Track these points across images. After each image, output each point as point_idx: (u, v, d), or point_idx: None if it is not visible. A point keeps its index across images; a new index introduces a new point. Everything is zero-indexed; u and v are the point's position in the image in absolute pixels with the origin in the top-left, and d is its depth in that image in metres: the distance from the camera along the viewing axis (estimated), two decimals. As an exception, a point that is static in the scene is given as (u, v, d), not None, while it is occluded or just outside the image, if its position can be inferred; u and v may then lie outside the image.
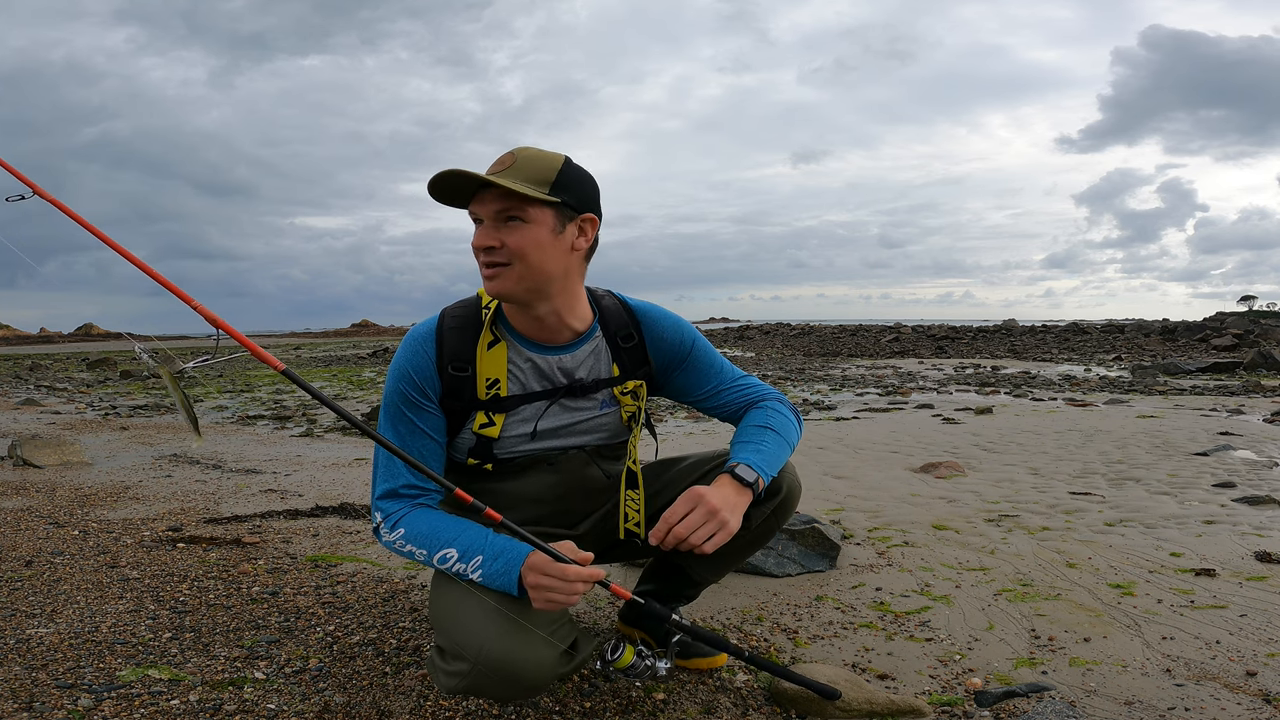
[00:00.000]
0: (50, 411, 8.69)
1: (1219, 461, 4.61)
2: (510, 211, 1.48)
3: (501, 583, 1.41)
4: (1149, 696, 1.73)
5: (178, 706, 1.67)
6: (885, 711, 1.67)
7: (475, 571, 1.43)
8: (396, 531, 1.52)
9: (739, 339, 32.94)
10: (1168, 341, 22.56)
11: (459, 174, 1.46)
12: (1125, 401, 8.33)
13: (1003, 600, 2.35)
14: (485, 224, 1.49)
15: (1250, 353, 15.09)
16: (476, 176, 1.47)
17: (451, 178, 1.47)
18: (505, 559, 1.42)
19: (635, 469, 1.70)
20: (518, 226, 1.48)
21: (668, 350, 1.73)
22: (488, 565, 1.42)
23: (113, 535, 3.14)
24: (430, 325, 1.61)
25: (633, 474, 1.70)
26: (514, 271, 1.49)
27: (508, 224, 1.48)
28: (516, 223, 1.48)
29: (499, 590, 1.41)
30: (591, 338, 1.66)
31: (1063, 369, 14.76)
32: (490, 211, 1.48)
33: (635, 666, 1.64)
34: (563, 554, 1.38)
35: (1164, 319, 33.15)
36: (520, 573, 1.40)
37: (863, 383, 11.81)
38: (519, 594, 1.40)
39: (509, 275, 1.50)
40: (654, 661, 1.68)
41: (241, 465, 4.98)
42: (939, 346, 22.54)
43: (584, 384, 1.65)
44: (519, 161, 1.48)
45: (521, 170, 1.47)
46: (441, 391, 1.57)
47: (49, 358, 26.06)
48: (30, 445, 4.99)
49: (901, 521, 3.33)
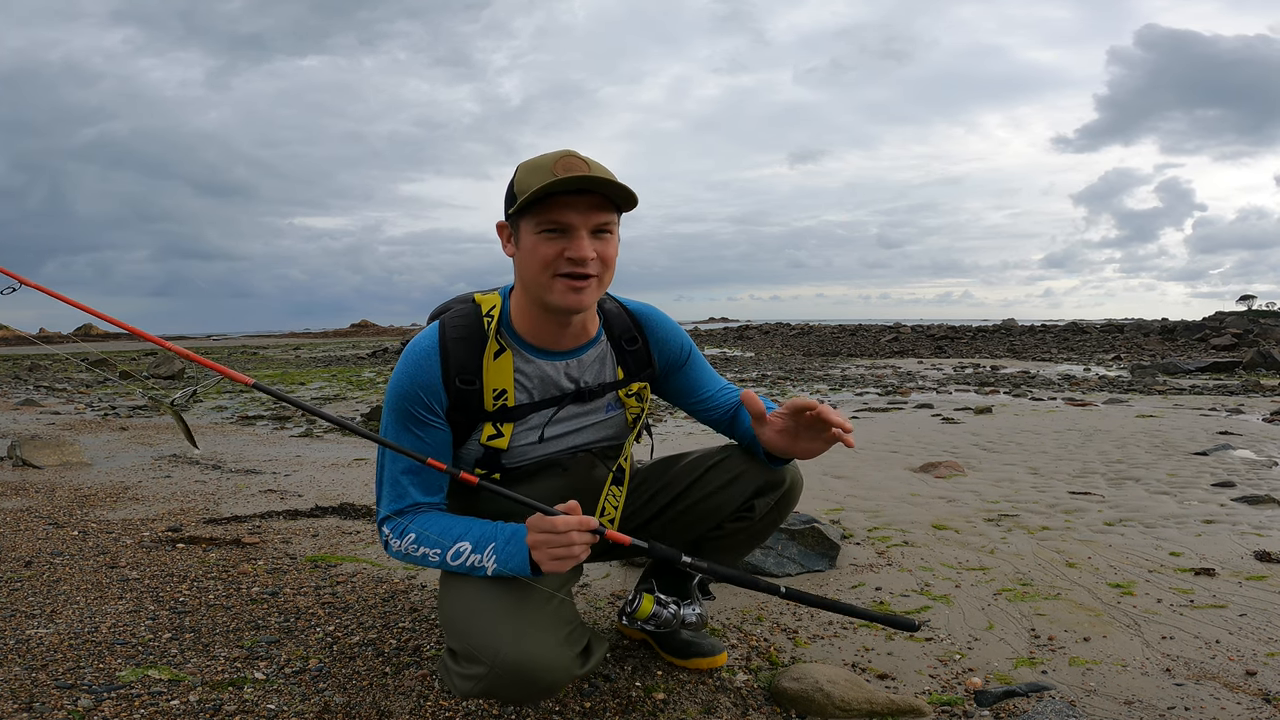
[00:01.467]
0: (49, 412, 8.68)
1: (1218, 461, 4.62)
2: (609, 223, 1.47)
3: (516, 563, 1.41)
4: (1149, 696, 1.73)
5: (178, 707, 1.67)
6: (885, 711, 1.67)
7: (490, 559, 1.43)
8: (407, 538, 1.51)
9: (738, 339, 32.94)
10: (1167, 341, 22.56)
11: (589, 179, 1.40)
12: (1125, 401, 8.33)
13: (1002, 600, 2.35)
14: (582, 234, 1.44)
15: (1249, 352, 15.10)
16: (612, 182, 1.41)
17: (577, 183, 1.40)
18: (517, 540, 1.42)
19: (625, 466, 1.71)
20: (606, 238, 1.47)
21: (670, 353, 1.75)
22: (501, 549, 1.43)
23: (112, 536, 3.14)
24: (432, 338, 1.56)
25: (621, 471, 1.70)
26: (599, 284, 1.49)
27: (597, 235, 1.46)
28: (605, 235, 1.47)
29: (515, 571, 1.41)
30: (598, 342, 1.66)
31: (1062, 369, 14.77)
32: (593, 223, 1.45)
33: (658, 615, 1.60)
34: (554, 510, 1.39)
35: (1163, 319, 33.19)
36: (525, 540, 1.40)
37: (862, 382, 11.81)
38: (533, 570, 1.40)
39: (593, 288, 1.48)
40: (679, 608, 1.64)
41: (241, 465, 4.97)
42: (938, 346, 22.54)
43: (591, 388, 1.65)
44: (598, 169, 1.43)
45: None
46: (448, 405, 1.55)
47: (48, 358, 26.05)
48: (30, 446, 4.99)
49: (901, 521, 3.33)
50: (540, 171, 1.43)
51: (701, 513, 1.76)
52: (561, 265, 1.45)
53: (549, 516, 1.38)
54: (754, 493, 1.73)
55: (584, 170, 1.42)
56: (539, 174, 1.42)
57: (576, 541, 1.36)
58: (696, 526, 1.78)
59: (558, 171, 1.41)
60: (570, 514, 1.38)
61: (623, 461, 1.71)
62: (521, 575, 1.41)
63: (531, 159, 1.48)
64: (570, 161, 1.43)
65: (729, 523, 1.76)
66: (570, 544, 1.36)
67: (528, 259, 1.48)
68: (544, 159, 1.45)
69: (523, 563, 1.41)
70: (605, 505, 1.67)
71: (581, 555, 1.38)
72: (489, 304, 1.60)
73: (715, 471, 1.76)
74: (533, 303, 1.54)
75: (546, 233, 1.45)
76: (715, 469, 1.76)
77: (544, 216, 1.44)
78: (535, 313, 1.56)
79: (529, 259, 1.47)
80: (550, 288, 1.47)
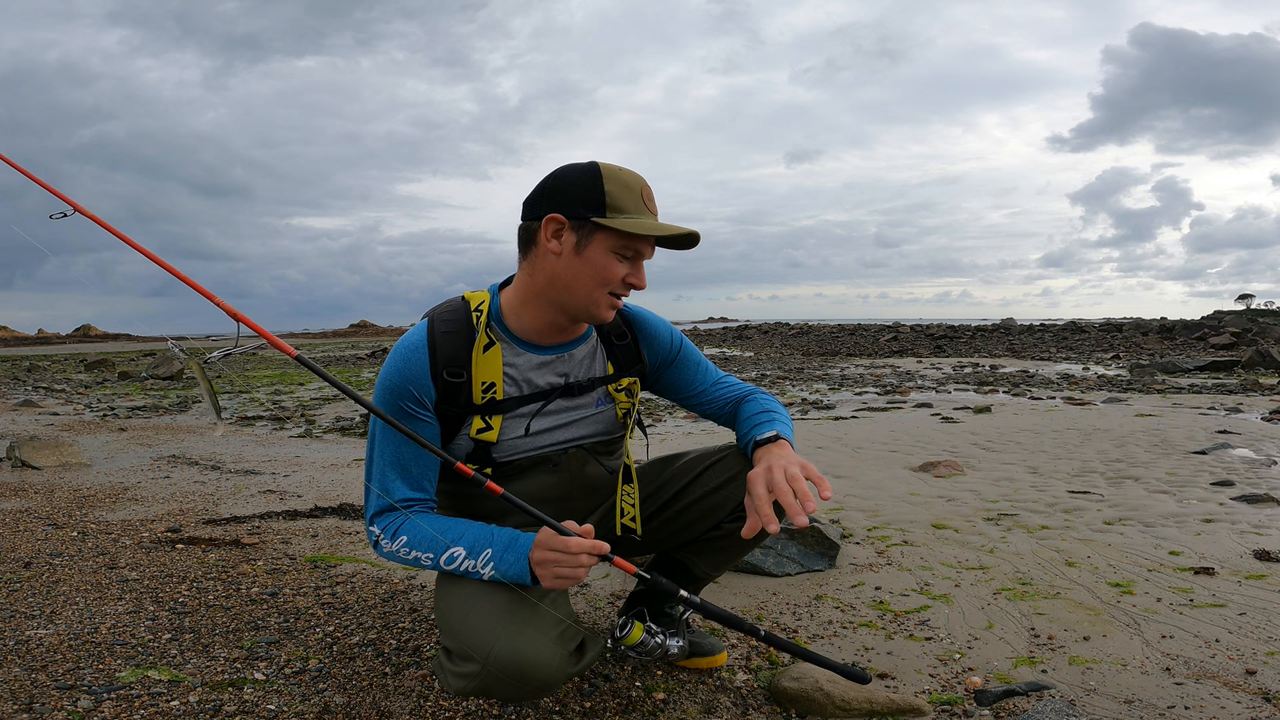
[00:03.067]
0: (48, 413, 8.67)
1: (1217, 460, 4.62)
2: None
3: (514, 571, 1.41)
4: (1149, 695, 1.73)
5: (178, 707, 1.67)
6: (885, 710, 1.67)
7: (486, 565, 1.43)
8: (398, 540, 1.51)
9: (737, 338, 32.95)
10: (1166, 340, 22.58)
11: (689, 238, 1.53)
12: (1124, 400, 8.34)
13: (1002, 599, 2.35)
14: (643, 265, 1.55)
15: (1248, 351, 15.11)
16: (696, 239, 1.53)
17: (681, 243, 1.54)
18: (515, 548, 1.42)
19: (630, 464, 1.71)
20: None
21: (660, 348, 1.76)
22: (498, 556, 1.43)
23: (111, 536, 3.14)
24: (420, 333, 1.57)
25: (628, 469, 1.71)
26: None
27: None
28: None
29: (512, 580, 1.41)
30: (588, 338, 1.68)
31: (1061, 368, 14.78)
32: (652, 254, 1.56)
33: (645, 644, 1.62)
34: (567, 529, 1.39)
35: (1161, 318, 33.23)
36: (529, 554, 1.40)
37: (861, 382, 11.81)
38: (532, 581, 1.40)
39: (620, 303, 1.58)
40: (665, 639, 1.66)
41: (240, 466, 4.97)
42: (937, 345, 22.56)
43: (580, 383, 1.65)
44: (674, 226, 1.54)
45: None
46: (437, 398, 1.55)
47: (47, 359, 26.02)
48: (29, 446, 4.98)
49: (901, 520, 3.33)
50: (631, 193, 1.49)
51: (699, 513, 1.76)
52: (620, 287, 1.53)
53: (562, 536, 1.38)
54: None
55: (676, 229, 1.51)
56: (631, 196, 1.49)
57: (584, 564, 1.37)
58: (694, 527, 1.78)
59: (648, 203, 1.51)
60: (584, 536, 1.38)
61: (627, 460, 1.71)
62: (518, 584, 1.42)
63: (609, 167, 1.51)
64: (650, 195, 1.53)
65: (727, 523, 1.76)
66: (578, 565, 1.37)
67: (587, 270, 1.51)
68: (629, 177, 1.51)
69: (522, 572, 1.41)
70: (623, 505, 1.68)
71: (584, 577, 1.39)
72: (478, 299, 1.61)
73: (713, 471, 1.76)
74: (552, 305, 1.56)
75: (621, 255, 1.51)
76: (713, 469, 1.76)
77: (629, 243, 1.50)
78: (544, 312, 1.57)
79: (589, 270, 1.51)
80: (599, 302, 1.53)
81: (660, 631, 1.67)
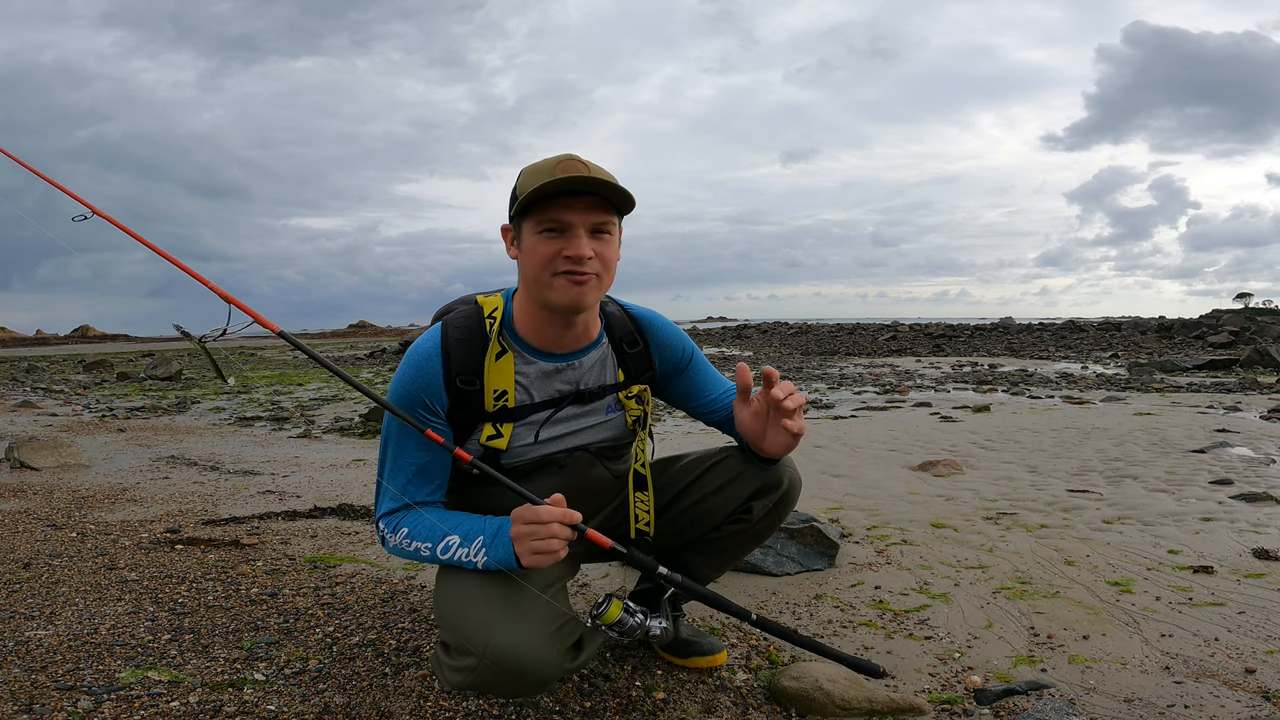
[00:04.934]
0: (47, 413, 8.67)
1: (1216, 459, 4.62)
2: (607, 224, 1.50)
3: (502, 555, 1.42)
4: (1148, 694, 1.73)
5: (177, 708, 1.67)
6: (885, 710, 1.67)
7: (479, 553, 1.44)
8: (400, 532, 1.53)
9: (737, 338, 32.95)
10: (1164, 339, 22.59)
11: (585, 180, 1.43)
12: (1122, 399, 8.34)
13: (1001, 598, 2.35)
14: (580, 233, 1.47)
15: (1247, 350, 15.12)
16: (608, 183, 1.45)
17: (572, 184, 1.43)
18: (503, 532, 1.44)
19: (644, 472, 1.71)
20: (605, 239, 1.50)
21: (671, 357, 1.75)
22: (489, 543, 1.44)
23: (111, 537, 3.14)
24: (434, 340, 1.58)
25: (641, 476, 1.70)
26: (600, 283, 1.51)
27: (596, 235, 1.49)
28: (604, 235, 1.50)
29: (501, 563, 1.42)
30: (599, 344, 1.67)
31: (1060, 367, 14.78)
32: (590, 222, 1.48)
33: (624, 622, 1.57)
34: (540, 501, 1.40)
35: (1159, 316, 33.25)
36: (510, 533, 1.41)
37: (860, 381, 11.81)
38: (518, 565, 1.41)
39: (594, 287, 1.51)
40: (645, 619, 1.61)
41: (239, 467, 4.97)
42: (936, 345, 22.56)
43: (590, 390, 1.65)
44: (597, 171, 1.48)
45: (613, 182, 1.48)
46: (449, 406, 1.57)
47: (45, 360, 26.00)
48: (28, 447, 4.98)
49: (900, 520, 3.33)
50: (541, 174, 1.46)
51: (699, 514, 1.76)
52: (560, 264, 1.48)
53: (535, 506, 1.39)
54: (752, 494, 1.73)
55: (583, 172, 1.45)
56: (539, 176, 1.46)
57: (558, 534, 1.37)
58: (694, 528, 1.78)
59: (557, 173, 1.45)
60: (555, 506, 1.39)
61: (639, 467, 1.71)
62: (508, 568, 1.42)
63: (534, 163, 1.52)
64: (570, 164, 1.47)
65: (727, 524, 1.77)
66: (552, 535, 1.37)
67: (529, 259, 1.51)
68: (545, 162, 1.49)
69: (508, 555, 1.42)
70: (637, 511, 1.68)
71: (562, 552, 1.39)
72: (491, 306, 1.61)
73: (713, 473, 1.76)
74: (536, 304, 1.55)
75: (546, 232, 1.48)
76: (713, 470, 1.76)
77: (543, 216, 1.47)
78: (538, 314, 1.57)
79: (530, 259, 1.50)
80: (551, 286, 1.49)
81: (640, 610, 1.61)
